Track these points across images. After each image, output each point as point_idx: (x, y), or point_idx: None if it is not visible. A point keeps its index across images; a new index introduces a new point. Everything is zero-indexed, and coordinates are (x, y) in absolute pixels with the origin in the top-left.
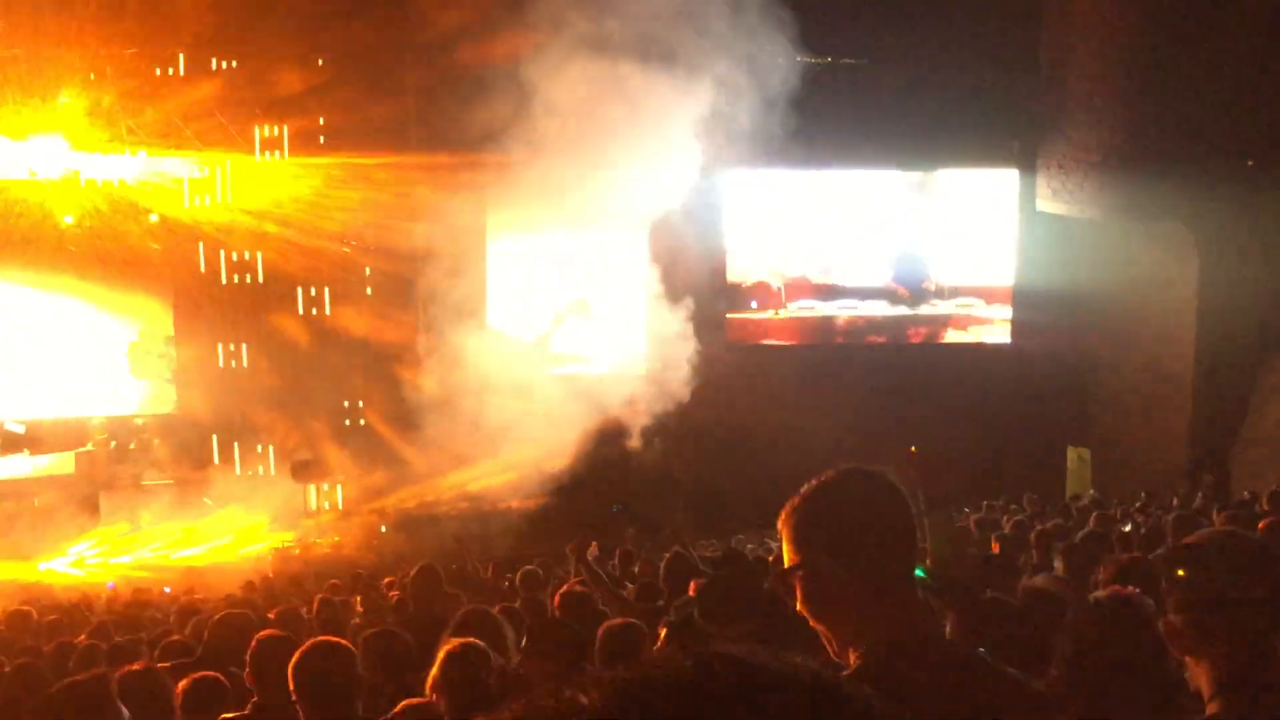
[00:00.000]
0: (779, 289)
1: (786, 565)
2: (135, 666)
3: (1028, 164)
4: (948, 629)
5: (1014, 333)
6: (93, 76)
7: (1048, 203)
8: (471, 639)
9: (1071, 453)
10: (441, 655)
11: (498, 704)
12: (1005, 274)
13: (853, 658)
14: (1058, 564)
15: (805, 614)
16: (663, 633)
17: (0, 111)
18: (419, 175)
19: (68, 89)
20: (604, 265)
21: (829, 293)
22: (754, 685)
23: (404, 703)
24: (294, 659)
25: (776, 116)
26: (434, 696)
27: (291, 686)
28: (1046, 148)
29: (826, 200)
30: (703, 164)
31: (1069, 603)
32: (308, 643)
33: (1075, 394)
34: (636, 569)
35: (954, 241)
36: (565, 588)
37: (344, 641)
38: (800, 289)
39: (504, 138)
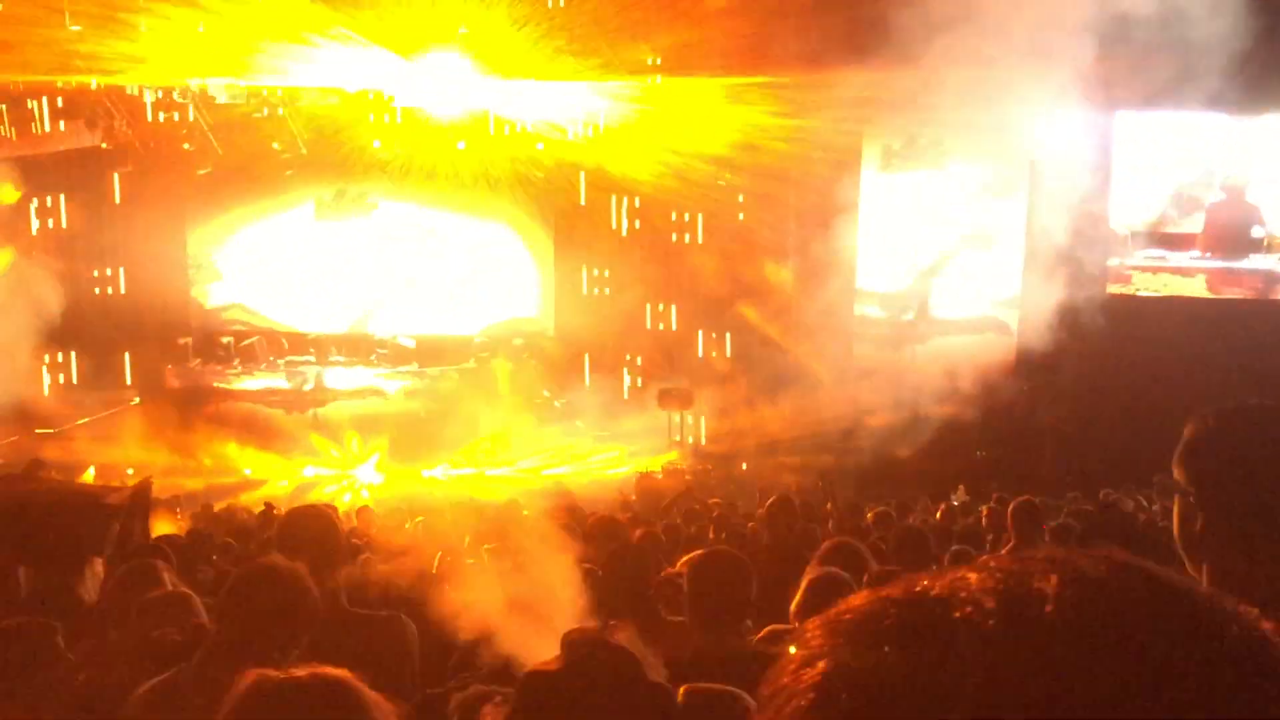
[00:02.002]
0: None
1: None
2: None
3: None
4: None
5: None
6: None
7: None
8: (835, 569)
9: None
10: (805, 582)
11: None
12: None
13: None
14: None
15: (1189, 555)
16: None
17: (403, 37)
18: (795, 95)
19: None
20: (980, 205)
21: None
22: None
23: (768, 628)
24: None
25: (1190, 55)
26: (795, 622)
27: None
28: None
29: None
30: (1095, 102)
31: None
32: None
33: None
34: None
35: None
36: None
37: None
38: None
39: (886, 56)
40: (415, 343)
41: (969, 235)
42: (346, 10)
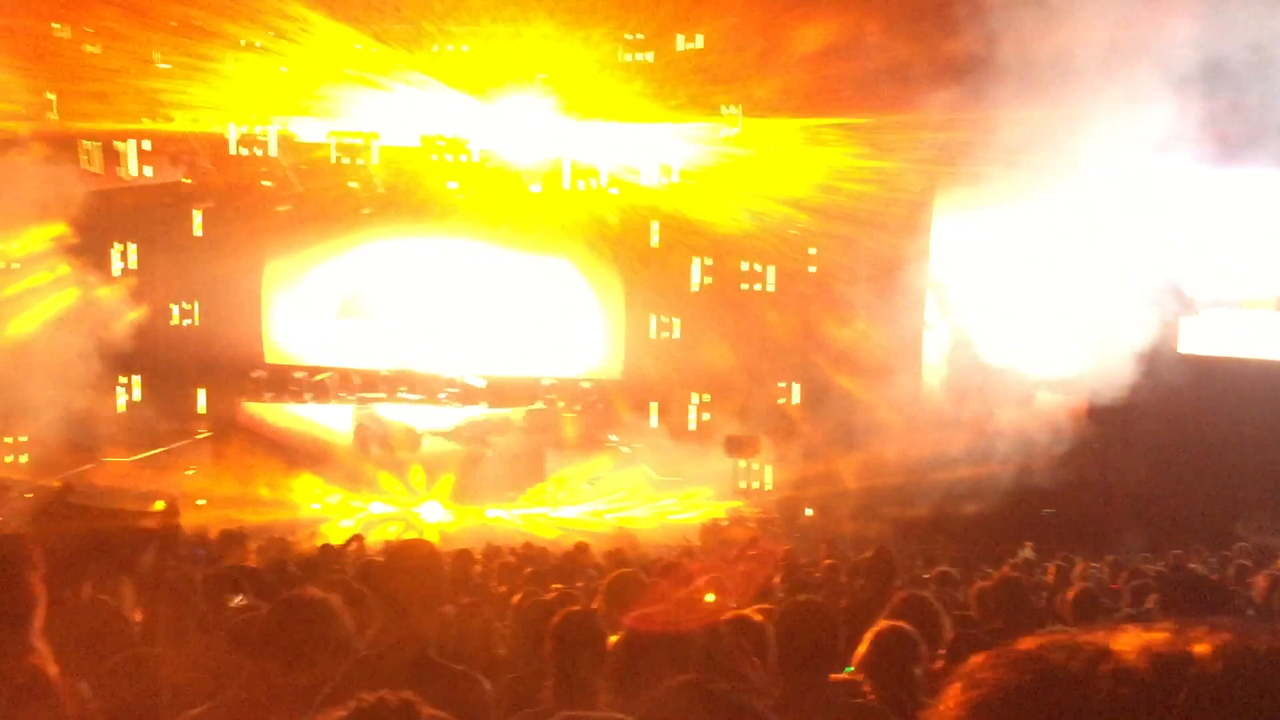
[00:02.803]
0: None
1: None
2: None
3: None
4: None
5: None
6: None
7: None
8: (903, 624)
9: None
10: (871, 635)
11: (923, 695)
12: None
13: None
14: None
15: None
16: None
17: (481, 80)
18: (873, 137)
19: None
20: (1053, 255)
21: None
22: None
23: (832, 676)
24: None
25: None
26: (860, 674)
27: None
28: None
29: None
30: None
31: None
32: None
33: None
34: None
35: None
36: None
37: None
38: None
39: (964, 96)
40: (485, 382)
41: (1043, 285)
42: (425, 54)
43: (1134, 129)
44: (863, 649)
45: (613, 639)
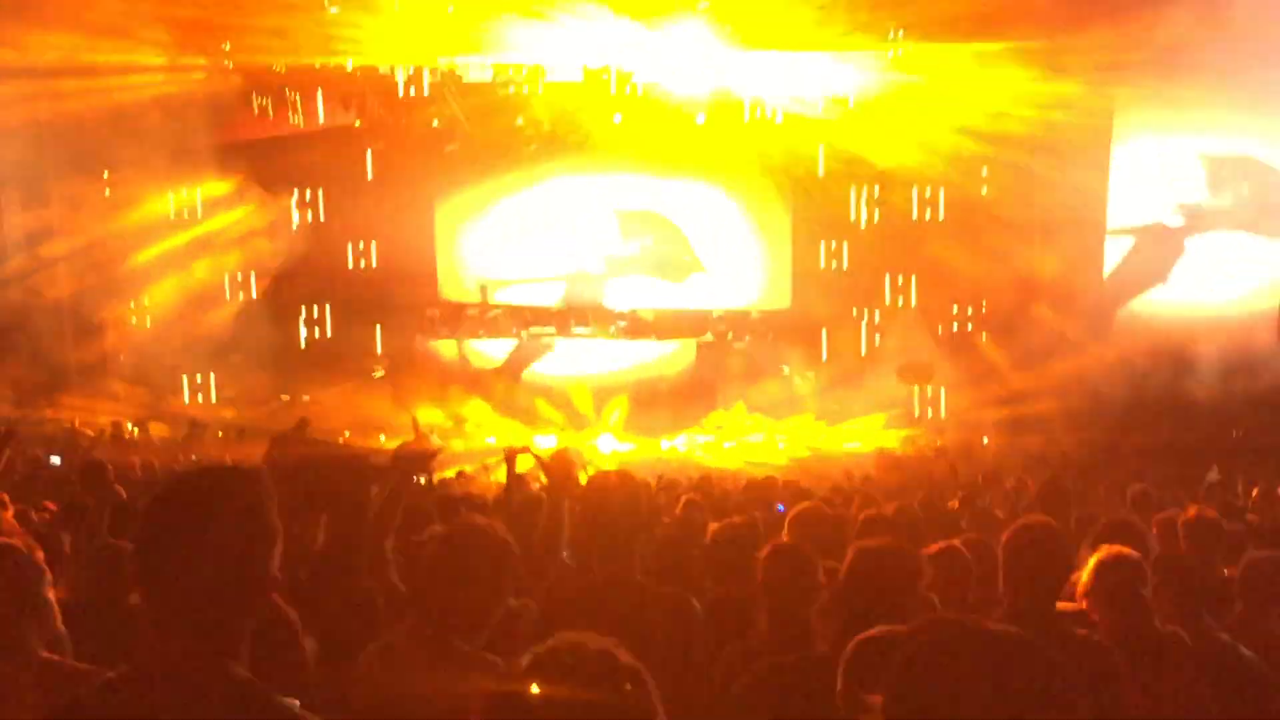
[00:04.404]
0: None
1: None
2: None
3: None
4: None
5: None
6: None
7: None
8: (1123, 548)
9: None
10: (1094, 562)
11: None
12: None
13: None
14: None
15: None
16: None
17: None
18: (1046, 59)
19: None
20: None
21: None
22: None
23: (1060, 605)
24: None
25: None
26: (1085, 604)
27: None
28: None
29: None
30: None
31: None
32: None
33: None
34: None
35: None
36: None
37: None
38: None
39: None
40: (654, 316)
41: (1226, 210)
42: None
43: None
44: (1085, 577)
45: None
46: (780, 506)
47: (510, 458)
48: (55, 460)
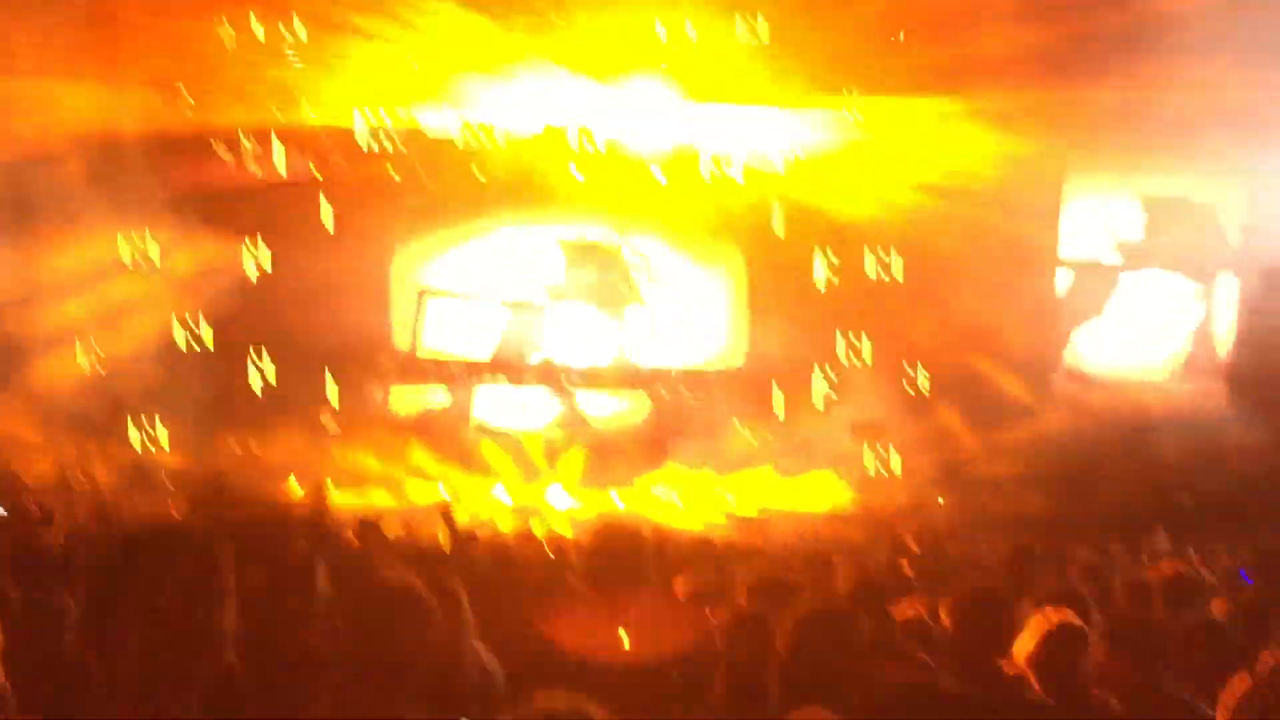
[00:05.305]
0: None
1: None
2: None
3: None
4: None
5: None
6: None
7: None
8: (1065, 614)
9: None
10: (1035, 627)
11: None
12: None
13: None
14: None
15: None
16: None
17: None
18: (1001, 117)
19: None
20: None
21: None
22: None
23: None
24: None
25: None
26: (1025, 669)
27: None
28: None
29: None
30: None
31: None
32: None
33: None
34: None
35: None
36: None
37: None
38: None
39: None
40: (608, 368)
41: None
42: (549, 38)
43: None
44: (1028, 644)
45: None
46: None
47: (445, 513)
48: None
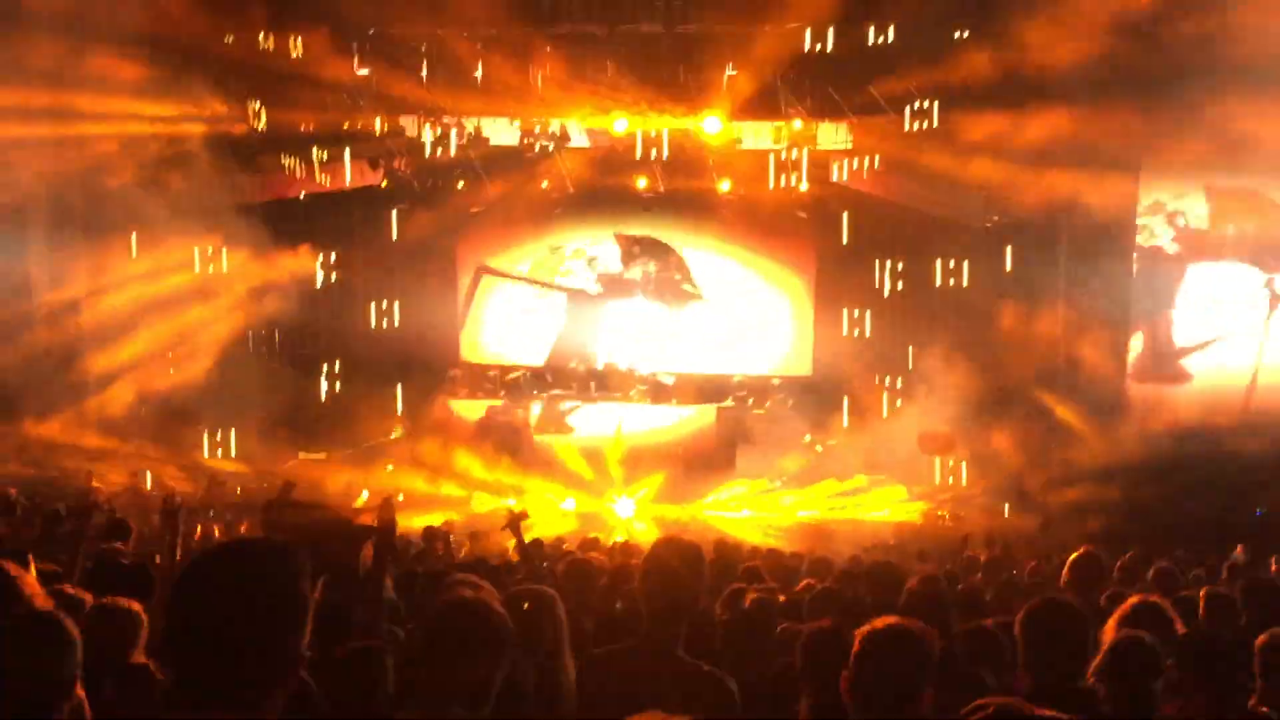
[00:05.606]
0: None
1: None
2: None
3: None
4: None
5: None
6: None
7: None
8: (1138, 632)
9: None
10: (1108, 644)
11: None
12: None
13: None
14: None
15: None
16: None
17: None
18: (1068, 129)
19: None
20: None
21: None
22: None
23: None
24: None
25: None
26: (1096, 684)
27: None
28: None
29: None
30: None
31: None
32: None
33: None
34: None
35: None
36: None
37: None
38: None
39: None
40: (674, 379)
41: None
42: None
43: None
44: (1099, 660)
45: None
46: None
47: (514, 525)
48: None
